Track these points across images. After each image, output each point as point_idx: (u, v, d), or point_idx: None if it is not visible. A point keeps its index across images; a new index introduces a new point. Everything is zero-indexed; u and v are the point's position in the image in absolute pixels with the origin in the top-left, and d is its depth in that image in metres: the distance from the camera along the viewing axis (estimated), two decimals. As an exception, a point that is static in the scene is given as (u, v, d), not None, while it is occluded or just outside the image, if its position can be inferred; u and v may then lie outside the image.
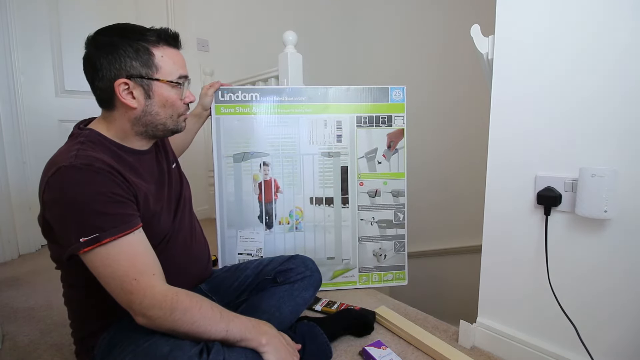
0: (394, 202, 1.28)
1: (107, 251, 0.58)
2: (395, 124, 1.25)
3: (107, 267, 0.58)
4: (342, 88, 1.21)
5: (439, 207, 2.97)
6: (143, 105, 0.69)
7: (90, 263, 0.58)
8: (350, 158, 1.23)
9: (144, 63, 0.67)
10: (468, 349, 0.89)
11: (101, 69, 0.65)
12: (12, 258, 1.55)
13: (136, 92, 0.67)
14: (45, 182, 0.60)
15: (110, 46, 0.65)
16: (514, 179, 0.82)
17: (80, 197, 0.58)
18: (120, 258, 0.59)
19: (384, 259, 1.25)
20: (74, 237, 0.57)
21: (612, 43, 0.66)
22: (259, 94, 1.19)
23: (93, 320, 0.70)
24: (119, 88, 0.66)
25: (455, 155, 2.87)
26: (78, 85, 1.75)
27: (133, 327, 0.63)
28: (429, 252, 3.01)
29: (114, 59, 0.65)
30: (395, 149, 1.26)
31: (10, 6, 1.54)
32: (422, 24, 2.87)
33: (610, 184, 0.66)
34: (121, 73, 0.65)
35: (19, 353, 0.88)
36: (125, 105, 0.68)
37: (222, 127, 1.19)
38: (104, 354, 0.66)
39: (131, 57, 0.66)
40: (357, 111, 1.21)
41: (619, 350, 0.70)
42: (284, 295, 0.86)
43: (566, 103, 0.73)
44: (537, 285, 0.79)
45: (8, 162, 1.53)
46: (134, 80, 0.67)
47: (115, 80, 0.65)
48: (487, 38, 0.85)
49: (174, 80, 0.71)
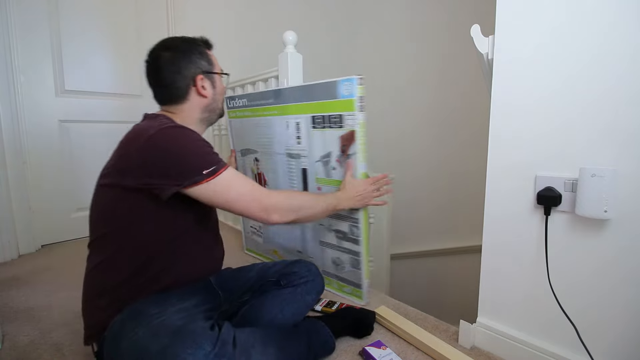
0: (348, 214, 1.07)
1: (227, 176, 0.74)
2: (346, 124, 1.00)
3: (232, 189, 0.76)
4: (295, 87, 1.14)
5: (439, 207, 2.97)
6: (212, 94, 0.89)
7: (206, 191, 0.73)
8: (309, 161, 1.15)
9: (207, 61, 0.88)
10: (468, 349, 0.89)
11: (182, 70, 0.83)
12: (12, 258, 1.55)
13: (206, 84, 0.87)
14: (143, 143, 0.71)
15: (184, 52, 0.84)
16: (514, 178, 0.82)
17: (190, 144, 0.73)
18: (238, 179, 0.78)
19: (342, 270, 1.15)
20: (193, 173, 0.71)
21: (614, 43, 0.66)
22: (246, 100, 1.33)
23: (120, 294, 0.73)
24: (199, 82, 0.85)
25: (455, 155, 2.87)
26: (78, 85, 1.76)
27: (146, 308, 0.69)
28: (429, 252, 3.01)
29: (190, 61, 0.84)
30: (348, 154, 1.03)
31: (10, 6, 1.54)
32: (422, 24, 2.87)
33: (610, 184, 0.66)
34: (197, 71, 0.85)
35: (19, 353, 0.88)
36: (200, 96, 0.87)
37: (233, 128, 1.46)
38: (116, 332, 0.67)
39: (199, 58, 0.86)
40: (313, 111, 1.08)
41: (619, 350, 0.70)
42: (287, 298, 0.88)
43: (566, 103, 0.73)
44: (537, 285, 0.79)
45: (8, 162, 1.53)
46: (205, 75, 0.86)
47: (196, 77, 0.85)
48: (487, 38, 0.85)
49: (224, 72, 0.94)
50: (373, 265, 2.12)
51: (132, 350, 0.62)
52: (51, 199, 1.72)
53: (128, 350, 0.63)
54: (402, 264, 3.00)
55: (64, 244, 1.76)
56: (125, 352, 0.63)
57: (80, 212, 1.82)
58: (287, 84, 1.41)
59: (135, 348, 0.62)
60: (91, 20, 1.79)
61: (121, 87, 1.92)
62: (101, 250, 0.76)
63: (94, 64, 1.80)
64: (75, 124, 1.78)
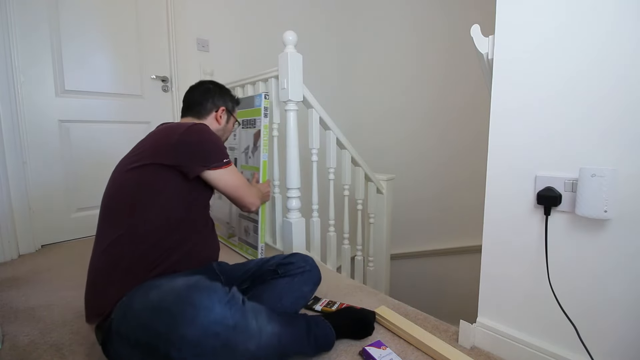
0: None
1: (233, 169, 1.01)
2: (257, 125, 1.51)
3: (237, 177, 1.03)
4: (242, 98, 1.58)
5: (439, 207, 2.97)
6: (223, 125, 1.17)
7: (224, 175, 0.97)
8: (238, 152, 1.67)
9: (232, 107, 1.21)
10: (468, 349, 0.90)
11: (213, 98, 1.14)
12: (12, 258, 1.54)
13: (223, 117, 1.16)
14: (182, 132, 0.89)
15: (221, 91, 1.18)
16: (514, 178, 0.82)
17: (215, 139, 0.96)
18: (238, 174, 1.04)
19: (249, 235, 1.56)
20: (217, 159, 0.94)
21: (614, 44, 0.66)
22: None
23: (134, 269, 0.78)
24: (221, 111, 1.15)
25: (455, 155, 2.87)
26: (78, 85, 1.76)
27: (155, 282, 0.70)
28: (429, 252, 3.01)
29: (222, 97, 1.17)
30: (256, 146, 1.52)
31: (10, 6, 1.54)
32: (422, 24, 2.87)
33: (610, 184, 0.66)
34: (224, 104, 1.17)
35: (19, 353, 0.88)
36: (215, 121, 1.15)
37: None
38: (126, 306, 0.68)
39: (229, 101, 1.19)
40: (245, 116, 1.59)
41: (619, 350, 0.70)
42: (285, 287, 0.95)
43: (566, 103, 0.73)
44: (537, 285, 0.79)
45: (8, 162, 1.53)
46: (226, 111, 1.17)
47: (221, 107, 1.16)
48: (487, 38, 0.85)
49: (239, 120, 1.35)
50: (373, 265, 2.12)
51: (146, 309, 0.64)
52: (51, 199, 1.72)
53: (141, 311, 0.64)
54: (402, 264, 3.00)
55: (64, 244, 1.76)
56: (140, 313, 0.64)
57: (80, 212, 1.83)
58: (287, 83, 1.41)
59: (149, 305, 0.64)
60: (91, 20, 1.79)
61: (121, 87, 1.92)
62: (121, 225, 0.81)
63: (94, 64, 1.80)
64: (75, 124, 1.78)
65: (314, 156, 1.60)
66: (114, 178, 0.89)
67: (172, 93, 2.10)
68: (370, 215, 2.08)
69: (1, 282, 1.31)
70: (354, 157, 1.81)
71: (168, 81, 2.08)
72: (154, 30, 2.01)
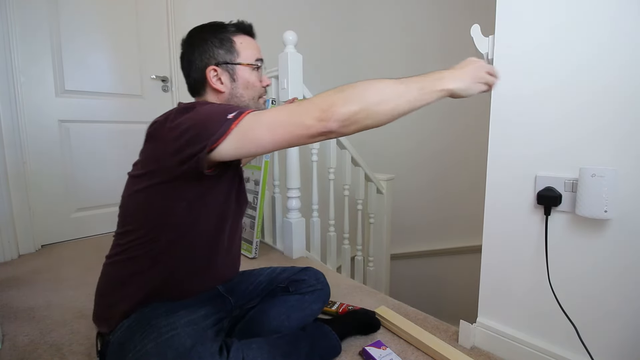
0: (254, 188, 1.57)
1: (254, 112, 0.62)
2: None
3: (263, 117, 0.61)
4: None
5: (439, 208, 2.97)
6: (230, 89, 0.78)
7: (241, 135, 0.60)
8: None
9: (227, 50, 0.77)
10: (468, 349, 0.89)
11: (194, 61, 0.77)
12: (12, 258, 1.54)
13: (223, 77, 0.77)
14: (176, 111, 0.66)
15: (200, 40, 0.77)
16: (514, 179, 0.82)
17: (210, 105, 0.67)
18: (268, 110, 0.66)
19: (244, 231, 1.54)
20: (220, 123, 0.60)
21: (614, 44, 0.66)
22: None
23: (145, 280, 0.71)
24: (209, 74, 0.76)
25: (455, 156, 2.87)
26: (78, 85, 1.75)
27: (155, 315, 0.67)
28: (429, 252, 3.01)
29: (203, 50, 0.76)
30: None
31: (10, 6, 1.53)
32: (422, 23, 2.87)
33: (610, 184, 0.66)
34: (210, 61, 0.76)
35: (19, 353, 0.88)
36: (215, 90, 0.78)
37: None
38: (123, 340, 0.66)
39: (217, 46, 0.77)
40: None
41: (619, 350, 0.70)
42: (295, 305, 0.88)
43: (566, 103, 0.73)
44: (537, 285, 0.79)
45: (8, 162, 1.53)
46: (221, 67, 0.77)
47: (206, 68, 0.76)
48: (487, 38, 0.85)
49: (253, 63, 0.80)
50: (373, 265, 2.12)
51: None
52: (51, 199, 1.72)
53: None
54: (402, 264, 3.00)
55: (64, 244, 1.76)
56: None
57: (80, 212, 1.82)
58: (287, 83, 1.41)
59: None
60: (91, 20, 1.78)
61: (121, 87, 1.91)
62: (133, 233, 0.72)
63: (94, 64, 1.80)
64: (75, 124, 1.78)
65: (314, 156, 1.60)
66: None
67: (172, 93, 2.10)
68: (370, 215, 2.08)
69: (1, 282, 1.31)
70: (354, 157, 1.81)
71: (168, 81, 2.08)
72: (154, 30, 2.01)
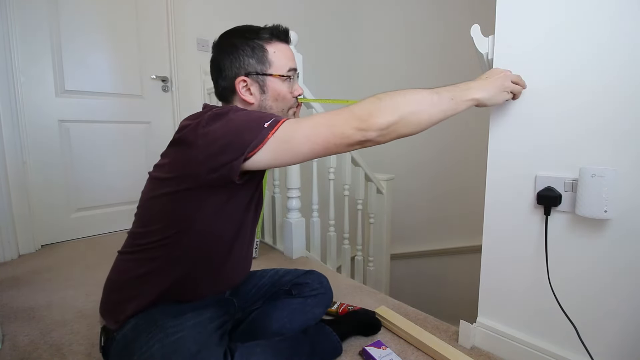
0: None
1: (291, 121, 0.63)
2: None
3: (302, 125, 0.61)
4: None
5: (439, 208, 2.97)
6: (259, 100, 0.74)
7: (281, 143, 0.60)
8: None
9: (259, 60, 0.73)
10: (468, 349, 0.89)
11: (224, 69, 0.73)
12: (12, 258, 1.54)
13: (253, 88, 0.74)
14: (208, 117, 0.63)
15: (231, 47, 0.73)
16: (514, 178, 0.82)
17: (244, 111, 0.65)
18: (304, 118, 0.64)
19: None
20: (257, 130, 0.60)
21: (614, 44, 0.66)
22: None
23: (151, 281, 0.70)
24: (239, 85, 0.73)
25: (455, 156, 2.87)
26: (78, 85, 1.76)
27: (162, 316, 0.67)
28: (429, 252, 3.02)
29: (234, 58, 0.72)
30: None
31: (10, 6, 1.54)
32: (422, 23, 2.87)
33: (610, 184, 0.66)
34: (240, 71, 0.73)
35: (19, 353, 0.88)
36: (244, 101, 0.74)
37: None
38: (129, 339, 0.66)
39: (248, 55, 0.72)
40: None
41: (619, 350, 0.70)
42: (297, 308, 0.88)
43: (566, 103, 0.73)
44: (537, 285, 0.79)
45: (8, 162, 1.53)
46: (251, 77, 0.73)
47: (236, 79, 0.73)
48: (487, 38, 0.85)
49: (284, 74, 0.75)
50: (373, 265, 2.12)
51: None
52: (51, 199, 1.72)
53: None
54: (402, 264, 3.00)
55: (64, 244, 1.76)
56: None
57: (80, 212, 1.83)
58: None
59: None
60: (91, 20, 1.79)
61: (121, 87, 1.91)
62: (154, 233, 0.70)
63: (94, 64, 1.80)
64: (75, 124, 1.78)
65: (314, 156, 1.60)
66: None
67: (172, 93, 2.10)
68: (370, 215, 2.08)
69: (1, 282, 1.31)
70: (354, 157, 1.82)
71: (168, 81, 2.08)
72: (154, 30, 2.01)
